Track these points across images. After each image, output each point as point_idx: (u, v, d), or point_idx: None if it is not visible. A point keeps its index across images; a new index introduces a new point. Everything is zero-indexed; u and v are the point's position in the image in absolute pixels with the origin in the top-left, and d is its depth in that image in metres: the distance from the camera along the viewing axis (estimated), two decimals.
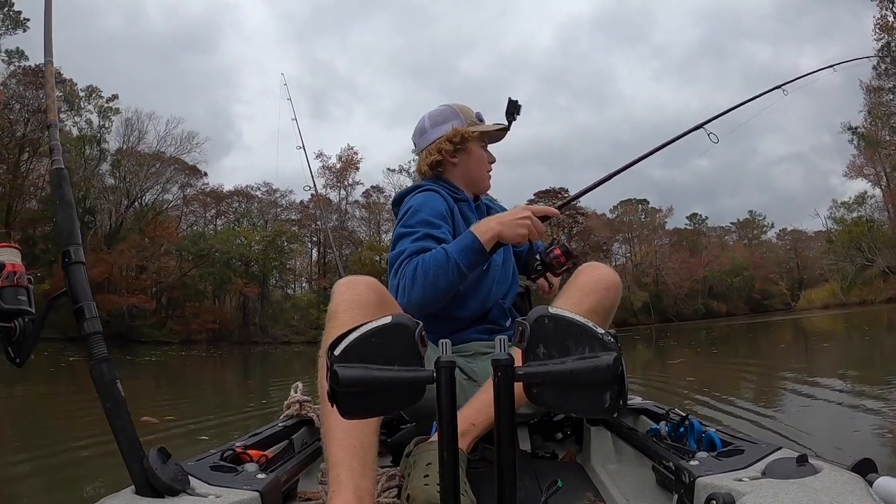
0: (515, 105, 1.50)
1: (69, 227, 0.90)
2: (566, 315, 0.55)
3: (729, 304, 40.50)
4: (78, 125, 28.25)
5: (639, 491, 1.11)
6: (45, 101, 4.72)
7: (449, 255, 1.28)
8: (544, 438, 1.55)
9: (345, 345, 0.55)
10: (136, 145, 29.47)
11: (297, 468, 1.19)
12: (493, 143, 1.63)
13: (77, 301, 0.85)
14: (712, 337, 15.38)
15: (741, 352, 9.94)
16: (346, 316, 1.06)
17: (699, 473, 0.87)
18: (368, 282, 1.14)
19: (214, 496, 0.83)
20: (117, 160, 28.90)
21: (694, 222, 46.14)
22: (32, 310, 0.87)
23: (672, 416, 1.30)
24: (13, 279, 0.86)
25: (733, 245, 45.61)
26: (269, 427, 1.41)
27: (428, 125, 1.59)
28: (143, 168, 28.95)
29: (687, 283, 40.03)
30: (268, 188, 34.80)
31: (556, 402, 0.55)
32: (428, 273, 1.27)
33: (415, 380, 0.55)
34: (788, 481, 0.77)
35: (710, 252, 42.82)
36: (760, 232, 46.15)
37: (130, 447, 0.79)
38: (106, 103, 29.05)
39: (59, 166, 0.95)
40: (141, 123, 29.46)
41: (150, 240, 27.77)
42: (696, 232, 45.20)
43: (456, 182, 1.58)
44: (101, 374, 0.82)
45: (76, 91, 27.89)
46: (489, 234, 1.30)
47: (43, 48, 1.07)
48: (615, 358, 0.52)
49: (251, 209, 35.50)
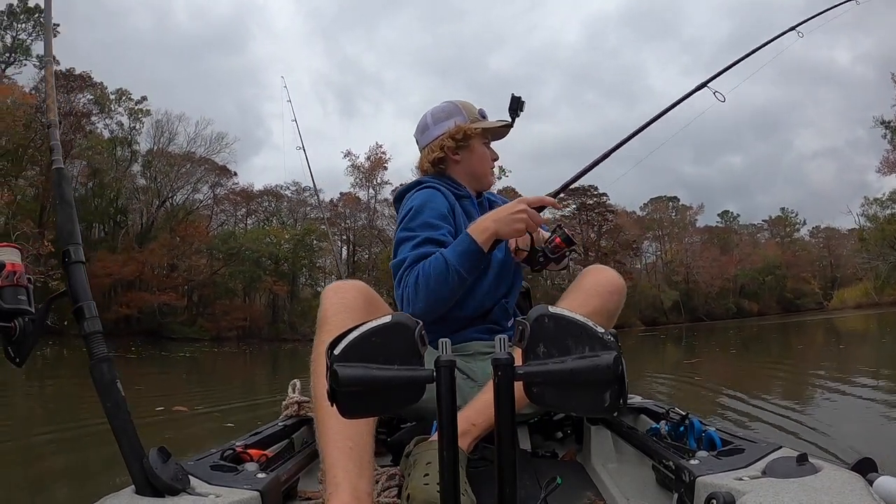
0: (518, 101, 1.49)
1: (69, 226, 0.90)
2: (566, 314, 0.55)
3: (761, 303, 39.97)
4: (109, 127, 29.20)
5: (639, 490, 1.11)
6: (75, 104, 4.58)
7: (448, 262, 1.28)
8: (544, 438, 1.55)
9: (345, 344, 0.55)
10: (167, 146, 30.21)
11: (297, 467, 1.19)
12: (497, 140, 1.62)
13: (77, 301, 0.85)
14: (742, 337, 15.01)
15: (773, 352, 9.64)
16: (336, 320, 1.08)
17: (699, 473, 0.87)
18: (356, 285, 1.15)
19: (215, 496, 0.83)
20: (148, 161, 29.64)
21: (725, 220, 45.50)
22: (32, 309, 0.87)
23: (672, 415, 1.30)
24: (13, 279, 0.86)
25: (765, 243, 44.89)
26: (269, 426, 1.41)
27: (430, 122, 1.58)
28: (173, 168, 29.58)
29: (718, 282, 39.47)
30: (297, 187, 35.16)
31: (556, 402, 0.55)
32: (430, 282, 1.28)
33: (415, 379, 0.55)
34: (788, 480, 0.77)
35: (741, 250, 42.16)
36: (793, 229, 45.37)
37: (130, 447, 0.79)
38: (136, 105, 29.69)
39: (59, 166, 0.95)
40: (171, 125, 30.27)
41: (180, 239, 28.44)
42: (728, 229, 44.52)
43: (458, 178, 1.57)
44: (102, 374, 0.82)
45: (107, 94, 28.49)
46: (486, 234, 1.29)
47: (44, 47, 1.07)
48: (615, 357, 0.52)
49: (280, 208, 35.97)
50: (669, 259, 41.66)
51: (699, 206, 43.67)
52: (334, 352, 0.54)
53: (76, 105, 26.63)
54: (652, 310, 37.29)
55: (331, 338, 0.57)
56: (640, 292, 36.80)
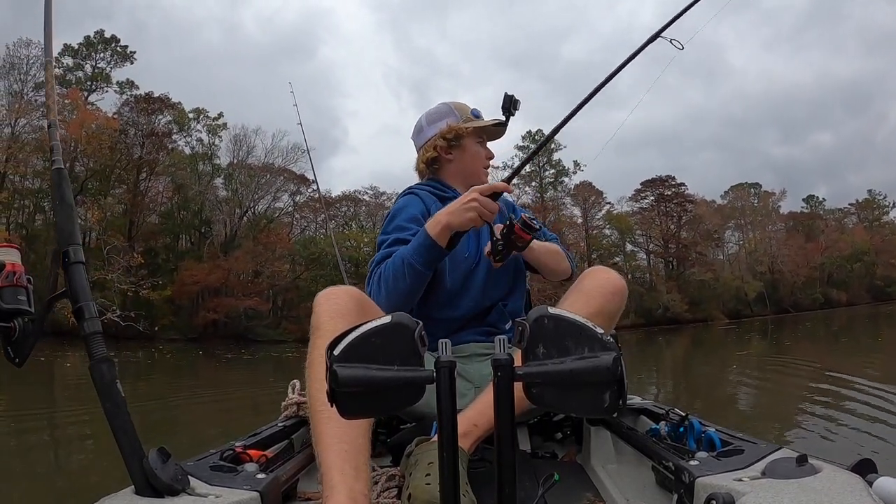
0: (511, 100, 1.48)
1: (69, 227, 0.90)
2: (566, 315, 0.55)
3: (849, 292, 38.23)
4: (189, 144, 31.22)
5: (638, 491, 1.11)
6: (156, 125, 4.52)
7: (404, 258, 1.34)
8: (544, 439, 1.55)
9: (344, 344, 0.55)
10: (246, 158, 31.59)
11: (297, 468, 1.19)
12: (494, 140, 1.65)
13: (77, 301, 0.85)
14: (834, 331, 14.44)
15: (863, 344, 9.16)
16: (329, 326, 1.09)
17: (699, 473, 0.87)
18: (348, 290, 1.17)
19: (214, 496, 0.83)
20: (229, 174, 31.17)
21: (811, 205, 43.11)
22: (32, 310, 0.87)
23: (672, 415, 1.30)
24: (13, 279, 0.86)
25: (853, 228, 42.25)
26: (269, 427, 1.41)
27: (424, 123, 1.63)
28: (253, 180, 30.91)
29: (804, 271, 37.69)
30: (374, 191, 36.04)
31: (555, 402, 0.55)
32: (388, 278, 1.35)
33: (414, 380, 0.55)
34: (788, 481, 0.77)
35: (827, 236, 39.92)
36: (882, 213, 42.65)
37: (130, 447, 0.79)
38: (213, 122, 31.45)
39: (59, 166, 0.95)
40: (248, 139, 31.62)
41: (263, 246, 29.42)
42: (813, 215, 42.17)
43: (450, 178, 1.62)
44: (102, 375, 0.82)
45: (185, 113, 30.29)
46: (439, 227, 1.31)
47: (44, 47, 1.07)
48: (614, 358, 0.52)
49: (359, 212, 36.65)
50: (752, 249, 39.60)
51: (781, 191, 41.59)
52: (334, 352, 0.54)
53: (157, 126, 28.74)
54: (735, 302, 36.13)
55: (324, 343, 0.57)
56: (723, 284, 35.75)
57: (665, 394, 7.15)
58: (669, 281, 35.64)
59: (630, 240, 37.93)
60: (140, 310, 21.45)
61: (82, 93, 26.77)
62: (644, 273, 37.13)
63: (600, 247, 36.10)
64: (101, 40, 28.41)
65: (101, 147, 24.41)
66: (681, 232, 37.76)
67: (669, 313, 32.89)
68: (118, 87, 28.57)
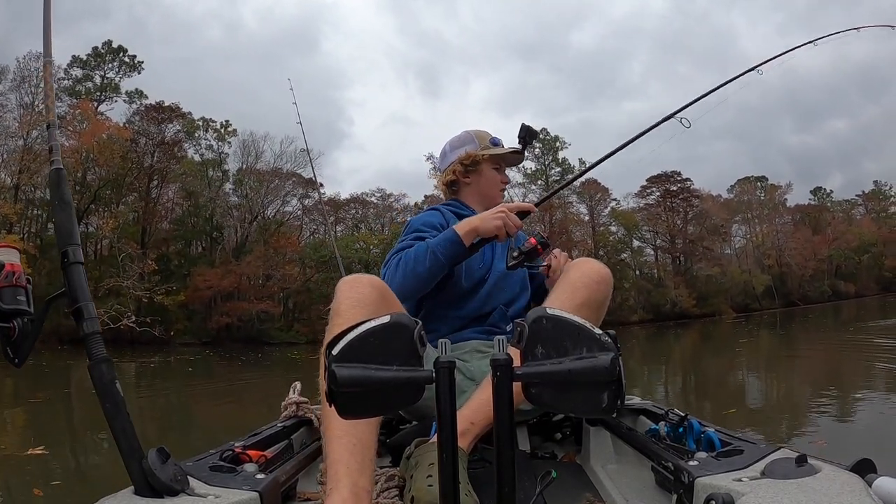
0: (528, 130, 1.64)
1: (68, 227, 0.90)
2: (564, 316, 0.55)
3: (858, 284, 37.84)
4: (199, 152, 31.50)
5: (638, 491, 1.11)
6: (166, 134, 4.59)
7: (428, 245, 1.41)
8: (543, 439, 1.55)
9: (343, 344, 0.55)
10: (255, 164, 31.89)
11: (296, 468, 1.19)
12: (512, 166, 1.78)
13: (76, 301, 0.85)
14: (841, 321, 14.48)
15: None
16: (349, 314, 1.09)
17: (698, 474, 0.87)
18: (371, 280, 1.18)
19: (213, 496, 0.83)
20: (238, 180, 31.46)
21: (818, 197, 42.66)
22: (31, 310, 0.87)
23: (671, 416, 1.30)
24: (12, 279, 0.85)
25: (860, 219, 41.88)
26: (269, 427, 1.41)
27: (448, 149, 1.77)
28: (262, 185, 31.13)
29: (811, 264, 37.27)
30: (381, 193, 36.29)
31: (554, 402, 0.55)
32: (409, 261, 1.40)
33: (414, 380, 0.55)
34: (788, 481, 0.77)
35: (834, 228, 39.53)
36: (888, 203, 42.04)
37: (130, 447, 0.79)
38: (222, 129, 31.73)
39: (58, 167, 0.95)
40: (256, 145, 31.96)
41: (274, 250, 29.65)
42: (820, 207, 41.68)
43: (468, 200, 1.72)
44: (101, 375, 0.82)
45: (194, 122, 30.74)
46: (467, 227, 1.41)
47: (43, 47, 1.07)
48: (613, 358, 0.52)
49: (368, 214, 36.83)
50: (759, 242, 39.22)
51: (787, 184, 41.04)
52: (332, 352, 0.54)
53: (167, 135, 29.21)
54: (743, 296, 35.81)
55: None
56: (731, 278, 35.52)
57: (674, 387, 7.17)
58: (677, 276, 35.42)
59: (637, 236, 37.72)
60: (155, 315, 21.47)
61: (92, 103, 27.04)
62: (651, 269, 36.95)
63: (607, 243, 35.85)
64: (109, 50, 28.68)
65: (113, 156, 24.76)
66: (687, 227, 37.58)
67: (678, 308, 32.67)
68: (127, 97, 28.89)
